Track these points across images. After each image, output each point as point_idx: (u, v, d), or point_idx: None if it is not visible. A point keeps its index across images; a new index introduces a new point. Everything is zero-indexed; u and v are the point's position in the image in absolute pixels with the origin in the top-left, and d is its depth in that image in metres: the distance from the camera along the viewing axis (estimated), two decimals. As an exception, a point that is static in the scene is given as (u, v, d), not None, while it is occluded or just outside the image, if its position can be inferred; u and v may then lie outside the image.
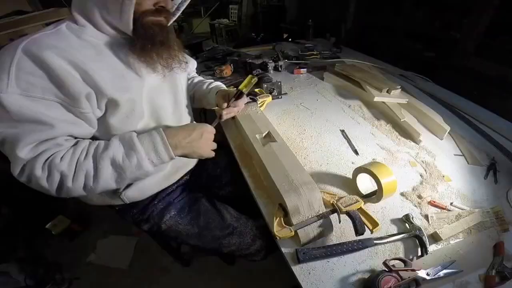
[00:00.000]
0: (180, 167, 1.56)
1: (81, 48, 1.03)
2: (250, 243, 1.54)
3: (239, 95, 1.47)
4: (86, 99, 1.01)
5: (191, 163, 1.65)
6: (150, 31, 1.10)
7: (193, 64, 1.71)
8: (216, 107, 1.65)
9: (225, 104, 1.48)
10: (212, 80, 1.77)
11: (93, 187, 1.03)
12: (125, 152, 1.06)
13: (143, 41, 1.10)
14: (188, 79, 1.75)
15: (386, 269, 0.98)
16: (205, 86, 1.68)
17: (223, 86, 1.70)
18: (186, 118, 1.54)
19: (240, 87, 1.45)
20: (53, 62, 0.93)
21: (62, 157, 0.99)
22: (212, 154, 1.31)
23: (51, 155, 0.98)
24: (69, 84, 0.96)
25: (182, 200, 1.57)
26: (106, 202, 1.43)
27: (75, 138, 1.08)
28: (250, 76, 1.45)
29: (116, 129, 1.17)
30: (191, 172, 1.68)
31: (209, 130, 1.28)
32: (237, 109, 1.54)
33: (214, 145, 1.32)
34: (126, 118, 1.16)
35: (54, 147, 0.99)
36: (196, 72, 1.91)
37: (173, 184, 1.57)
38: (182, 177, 1.62)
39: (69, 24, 1.07)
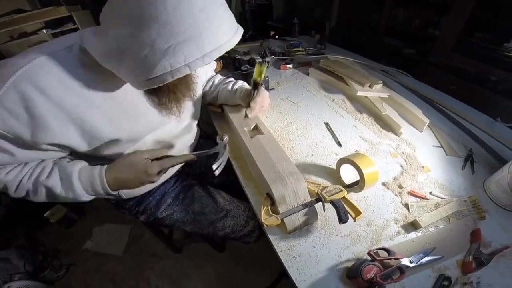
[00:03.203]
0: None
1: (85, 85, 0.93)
2: (243, 224, 1.55)
3: (255, 86, 1.39)
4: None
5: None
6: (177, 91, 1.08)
7: (209, 67, 1.69)
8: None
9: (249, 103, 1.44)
10: (233, 80, 1.71)
11: (32, 198, 1.06)
12: (63, 188, 1.04)
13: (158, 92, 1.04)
14: (209, 80, 1.72)
15: (370, 258, 0.98)
16: (230, 87, 1.62)
17: (246, 85, 1.65)
18: (192, 124, 1.53)
19: (254, 78, 1.35)
20: (39, 109, 0.86)
21: (7, 173, 0.99)
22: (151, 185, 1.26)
23: None
24: (43, 136, 0.91)
25: (177, 189, 1.57)
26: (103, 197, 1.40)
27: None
28: (257, 63, 1.33)
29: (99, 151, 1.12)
30: (186, 164, 1.65)
31: (150, 177, 1.09)
32: (260, 99, 1.46)
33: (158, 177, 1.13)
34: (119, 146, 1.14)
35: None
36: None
37: (169, 177, 1.56)
38: (177, 170, 1.61)
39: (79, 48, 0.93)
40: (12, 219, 2.60)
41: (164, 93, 1.05)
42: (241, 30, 0.90)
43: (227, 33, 0.84)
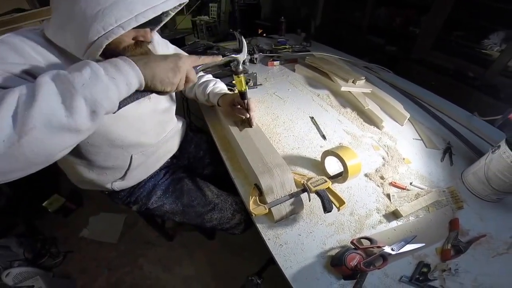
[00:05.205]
0: (163, 154, 1.55)
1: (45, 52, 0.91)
2: (230, 217, 1.54)
3: (243, 97, 1.35)
4: None
5: (174, 148, 1.63)
6: None
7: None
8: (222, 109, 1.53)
9: (247, 113, 1.39)
10: (208, 79, 1.66)
11: (26, 114, 0.61)
12: (75, 67, 0.72)
13: None
14: None
15: (353, 247, 0.97)
16: (202, 91, 1.59)
17: (220, 86, 1.61)
18: (170, 109, 1.49)
19: (239, 89, 1.32)
20: (25, 49, 0.85)
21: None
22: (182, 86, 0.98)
23: None
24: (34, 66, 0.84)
25: (167, 181, 1.56)
26: (96, 188, 1.40)
27: None
28: (235, 77, 1.27)
29: None
30: (174, 156, 1.65)
31: (180, 69, 0.91)
32: (254, 105, 1.41)
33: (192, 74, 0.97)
34: None
35: None
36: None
37: (158, 168, 1.56)
38: (166, 161, 1.60)
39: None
40: (12, 208, 2.58)
41: None
42: None
43: None
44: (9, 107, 0.61)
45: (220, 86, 1.61)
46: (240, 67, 1.23)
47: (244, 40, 1.20)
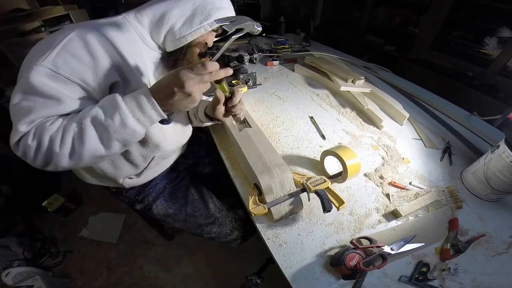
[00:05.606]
0: (172, 153, 1.54)
1: (127, 42, 1.04)
2: (228, 233, 1.58)
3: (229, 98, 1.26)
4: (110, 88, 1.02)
5: (183, 148, 1.64)
6: (191, 59, 1.18)
7: None
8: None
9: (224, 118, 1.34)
10: None
11: (79, 151, 0.85)
12: (108, 110, 0.86)
13: (177, 61, 1.19)
14: None
15: (353, 247, 0.97)
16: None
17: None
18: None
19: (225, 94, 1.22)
20: (99, 52, 0.93)
21: (51, 122, 0.88)
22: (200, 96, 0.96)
23: (42, 122, 0.88)
24: (103, 75, 0.96)
25: (175, 187, 1.57)
26: (104, 183, 1.40)
27: None
28: (217, 85, 1.24)
29: None
30: (182, 155, 1.67)
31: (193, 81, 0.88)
32: (238, 105, 1.31)
33: (205, 88, 0.93)
34: None
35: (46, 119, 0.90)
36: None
37: (167, 168, 1.57)
38: (174, 160, 1.61)
39: (126, 17, 1.10)
40: (11, 208, 2.59)
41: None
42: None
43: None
44: (67, 149, 0.85)
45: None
46: (258, 29, 1.23)
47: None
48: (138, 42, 1.10)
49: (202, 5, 1.08)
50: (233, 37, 1.13)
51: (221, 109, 1.24)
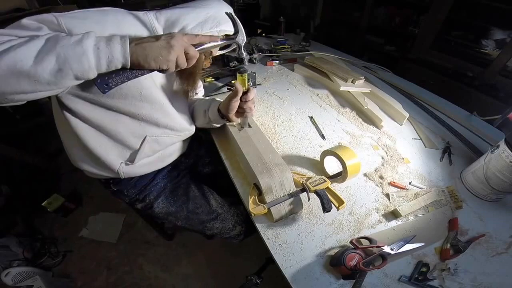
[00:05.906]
0: (174, 151, 1.54)
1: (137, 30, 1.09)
2: (231, 228, 1.57)
3: (245, 92, 1.30)
4: None
5: (185, 147, 1.63)
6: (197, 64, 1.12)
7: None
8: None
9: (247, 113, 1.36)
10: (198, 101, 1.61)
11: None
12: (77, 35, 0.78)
13: None
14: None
15: (353, 247, 0.97)
16: (203, 113, 1.51)
17: (215, 104, 1.53)
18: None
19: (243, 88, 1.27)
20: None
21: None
22: (177, 66, 0.95)
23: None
24: None
25: (176, 185, 1.57)
26: (102, 172, 1.36)
27: None
28: (238, 74, 1.26)
29: None
30: (183, 154, 1.65)
31: (172, 48, 0.89)
32: (250, 102, 1.34)
33: (183, 59, 0.95)
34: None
35: None
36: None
37: (168, 165, 1.56)
38: (175, 159, 1.60)
39: (147, 13, 1.15)
40: (11, 207, 2.59)
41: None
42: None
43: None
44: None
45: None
46: (244, 55, 1.27)
47: (238, 21, 1.20)
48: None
49: (214, 15, 1.16)
50: (222, 42, 1.14)
51: (236, 103, 1.26)
